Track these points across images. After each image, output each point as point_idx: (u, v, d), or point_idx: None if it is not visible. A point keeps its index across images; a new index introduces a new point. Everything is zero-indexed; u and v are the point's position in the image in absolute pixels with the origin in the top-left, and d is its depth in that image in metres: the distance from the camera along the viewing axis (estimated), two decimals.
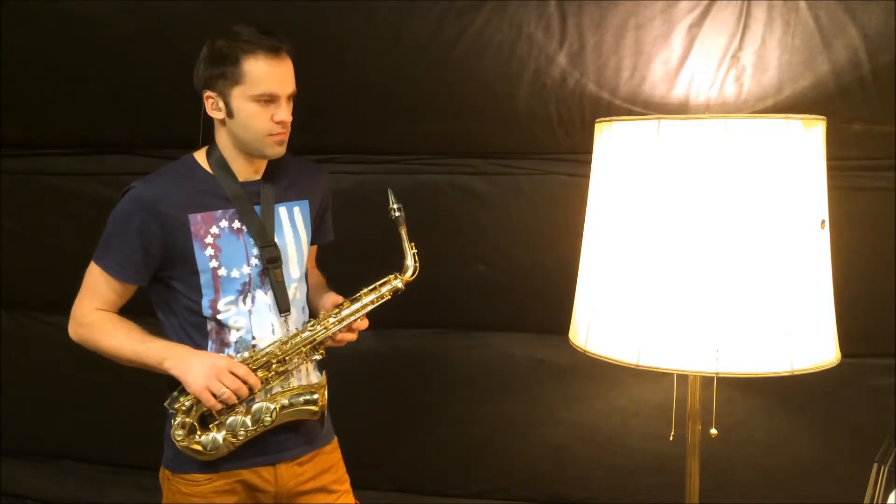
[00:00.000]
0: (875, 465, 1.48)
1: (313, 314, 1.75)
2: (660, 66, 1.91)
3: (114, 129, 2.28)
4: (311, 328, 1.66)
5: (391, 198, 1.69)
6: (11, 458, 2.69)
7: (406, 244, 1.70)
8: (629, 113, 1.94)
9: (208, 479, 1.66)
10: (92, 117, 2.27)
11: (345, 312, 1.67)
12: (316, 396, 1.66)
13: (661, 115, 1.47)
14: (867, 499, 1.49)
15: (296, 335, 1.65)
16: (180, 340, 1.65)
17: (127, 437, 2.56)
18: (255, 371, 1.61)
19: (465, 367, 2.29)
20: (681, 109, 1.93)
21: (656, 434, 2.14)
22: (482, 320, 2.27)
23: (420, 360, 2.30)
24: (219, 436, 1.61)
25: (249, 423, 1.62)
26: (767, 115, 1.71)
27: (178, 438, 1.62)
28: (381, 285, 1.69)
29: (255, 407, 1.63)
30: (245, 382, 1.59)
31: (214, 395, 1.57)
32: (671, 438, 1.67)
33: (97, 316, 1.66)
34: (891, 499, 1.46)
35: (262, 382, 1.62)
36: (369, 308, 1.69)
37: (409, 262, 1.70)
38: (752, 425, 2.12)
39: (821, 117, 1.49)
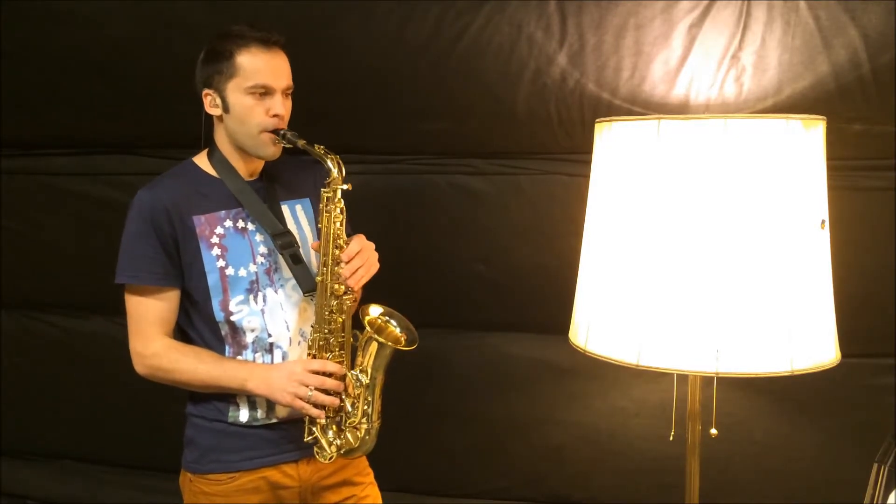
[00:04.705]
0: (875, 465, 1.47)
1: None
2: (660, 66, 1.91)
3: (113, 129, 2.28)
4: (316, 291, 1.64)
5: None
6: (11, 458, 2.69)
7: (315, 151, 1.58)
8: (629, 113, 1.94)
9: (231, 477, 1.66)
10: (92, 117, 2.27)
11: (323, 254, 1.62)
12: (367, 331, 1.66)
13: (661, 115, 1.47)
14: (867, 499, 1.48)
15: (316, 308, 1.64)
16: (199, 346, 1.65)
17: (127, 437, 2.56)
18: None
19: (465, 367, 2.29)
20: (681, 109, 1.93)
21: (656, 434, 2.14)
22: (482, 320, 2.27)
23: (420, 360, 2.30)
24: (356, 430, 1.64)
25: (358, 400, 1.64)
26: (767, 115, 1.71)
27: (330, 459, 1.65)
28: (323, 206, 1.62)
29: (348, 384, 1.64)
30: (326, 373, 1.60)
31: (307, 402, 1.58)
32: (671, 438, 1.67)
33: (160, 345, 1.62)
34: (891, 499, 1.46)
35: (339, 362, 1.63)
36: (338, 228, 1.61)
37: (328, 165, 1.58)
38: (752, 425, 2.12)
39: (821, 117, 1.49)
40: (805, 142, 1.44)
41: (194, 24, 2.03)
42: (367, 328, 1.66)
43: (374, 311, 1.72)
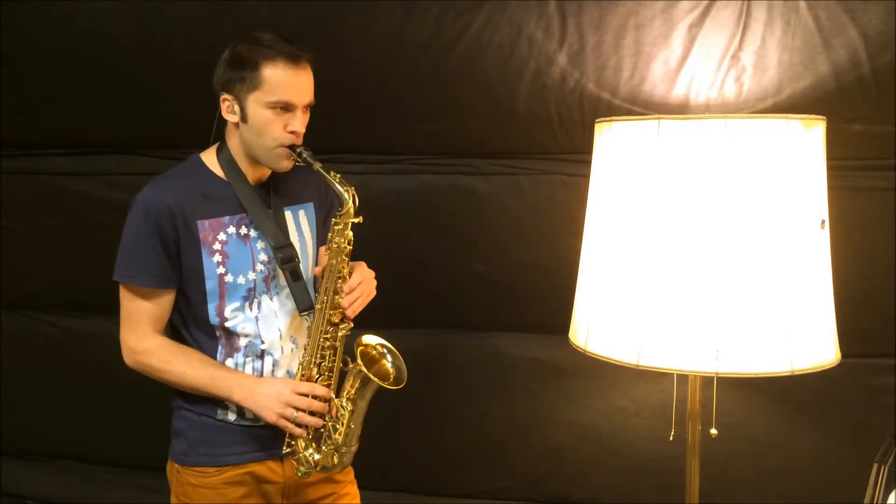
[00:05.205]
0: (875, 465, 1.47)
1: None
2: (660, 66, 1.91)
3: (114, 129, 2.28)
4: (314, 314, 1.65)
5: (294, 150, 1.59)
6: (11, 458, 2.70)
7: (330, 179, 1.59)
8: (629, 113, 1.94)
9: (219, 470, 1.67)
10: (92, 117, 2.27)
11: (325, 281, 1.64)
12: (357, 363, 1.66)
13: (661, 115, 1.47)
14: (867, 499, 1.48)
15: (312, 333, 1.65)
16: (191, 346, 1.66)
17: (127, 437, 2.56)
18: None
19: (465, 367, 2.29)
20: (681, 109, 1.93)
21: (656, 434, 2.14)
22: (482, 320, 2.27)
23: (420, 360, 2.30)
24: (335, 452, 1.66)
25: (339, 426, 1.65)
26: (767, 115, 1.71)
27: (305, 475, 1.68)
28: (332, 236, 1.63)
29: (333, 407, 1.66)
30: (315, 396, 1.62)
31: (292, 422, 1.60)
32: (671, 438, 1.68)
33: (152, 343, 1.63)
34: (891, 499, 1.46)
35: (327, 385, 1.65)
36: (344, 260, 1.62)
37: (340, 192, 1.59)
38: (752, 425, 2.12)
39: (821, 117, 1.49)
40: (805, 142, 1.44)
41: (194, 24, 2.03)
42: (359, 359, 1.67)
43: (370, 340, 1.72)
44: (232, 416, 1.67)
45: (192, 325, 1.65)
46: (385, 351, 1.74)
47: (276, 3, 1.99)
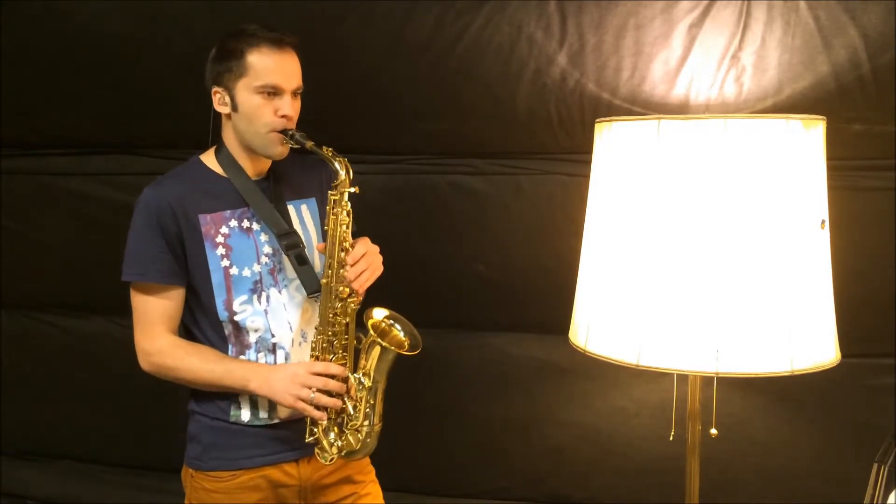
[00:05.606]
0: (875, 465, 1.47)
1: None
2: (660, 66, 1.91)
3: (114, 129, 2.28)
4: (321, 293, 1.64)
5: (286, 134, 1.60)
6: (11, 458, 2.69)
7: (322, 153, 1.59)
8: (629, 113, 1.94)
9: (233, 475, 1.67)
10: (92, 117, 2.27)
11: (329, 256, 1.63)
12: (370, 335, 1.65)
13: (661, 115, 1.47)
14: (867, 499, 1.48)
15: (320, 310, 1.64)
16: (204, 344, 1.66)
17: (127, 437, 2.56)
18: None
19: (465, 367, 2.29)
20: (681, 109, 1.93)
21: (656, 434, 2.14)
22: (482, 320, 2.27)
23: (420, 360, 2.30)
24: (357, 432, 1.65)
25: (359, 404, 1.64)
26: (767, 115, 1.71)
27: (331, 461, 1.66)
28: (330, 208, 1.62)
29: (350, 387, 1.64)
30: (330, 375, 1.60)
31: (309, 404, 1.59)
32: (671, 438, 1.67)
33: (164, 343, 1.63)
34: (891, 499, 1.46)
35: (342, 365, 1.63)
36: (344, 231, 1.61)
37: (336, 167, 1.59)
38: (752, 425, 2.12)
39: (821, 117, 1.49)
40: (805, 142, 1.44)
41: (194, 24, 2.03)
42: (371, 331, 1.66)
43: (378, 313, 1.72)
44: (245, 416, 1.66)
45: (203, 323, 1.65)
46: (392, 321, 1.72)
47: (276, 2, 1.99)
